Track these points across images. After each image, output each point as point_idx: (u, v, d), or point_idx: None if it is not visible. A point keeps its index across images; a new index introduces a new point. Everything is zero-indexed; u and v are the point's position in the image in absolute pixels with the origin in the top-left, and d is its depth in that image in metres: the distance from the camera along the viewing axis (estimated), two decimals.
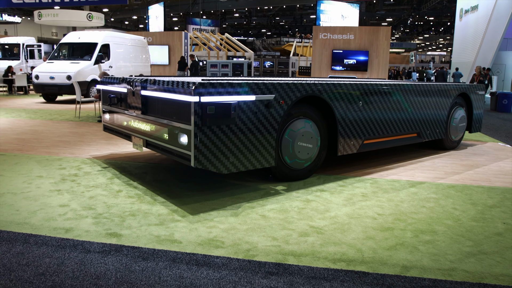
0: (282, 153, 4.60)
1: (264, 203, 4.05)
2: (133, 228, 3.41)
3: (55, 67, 14.37)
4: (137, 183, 4.72)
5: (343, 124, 5.04)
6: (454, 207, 4.07)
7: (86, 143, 7.12)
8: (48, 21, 34.80)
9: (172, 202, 4.08)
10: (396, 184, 4.85)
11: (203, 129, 3.85)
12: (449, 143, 7.01)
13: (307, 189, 4.55)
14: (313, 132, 4.75)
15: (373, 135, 5.50)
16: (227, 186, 4.62)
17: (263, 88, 4.21)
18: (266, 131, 4.30)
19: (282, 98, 4.37)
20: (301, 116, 4.71)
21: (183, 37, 21.40)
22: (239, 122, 4.06)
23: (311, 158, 4.83)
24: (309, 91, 4.63)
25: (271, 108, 4.28)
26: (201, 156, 3.89)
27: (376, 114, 5.46)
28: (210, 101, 3.81)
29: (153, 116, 4.54)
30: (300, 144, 4.65)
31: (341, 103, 4.98)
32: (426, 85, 6.23)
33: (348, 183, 4.81)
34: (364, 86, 5.26)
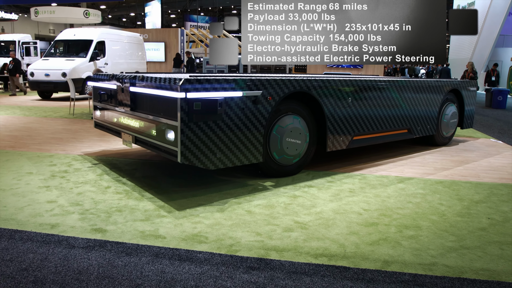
0: (271, 149, 4.62)
1: (251, 199, 4.06)
2: (119, 223, 3.43)
3: (50, 64, 14.35)
4: (126, 179, 4.73)
5: (332, 120, 5.05)
6: (441, 203, 4.09)
7: (78, 140, 7.13)
8: (44, 18, 34.69)
9: (160, 198, 4.09)
10: (385, 180, 4.86)
11: (189, 125, 3.85)
12: (440, 139, 7.03)
13: (295, 185, 4.57)
14: (301, 128, 4.76)
15: (363, 131, 5.51)
16: (215, 182, 4.64)
17: (250, 84, 4.21)
18: (253, 127, 4.31)
19: (269, 94, 4.38)
20: (289, 112, 4.72)
21: (179, 34, 21.38)
22: (226, 118, 4.07)
23: (299, 154, 4.84)
24: (297, 87, 4.64)
25: (258, 104, 4.29)
26: (188, 152, 3.90)
27: (366, 110, 5.47)
28: (196, 97, 3.82)
29: (142, 112, 4.54)
30: (288, 140, 4.66)
31: (330, 99, 4.99)
32: (417, 81, 6.25)
33: (336, 179, 4.83)
34: (353, 82, 5.26)
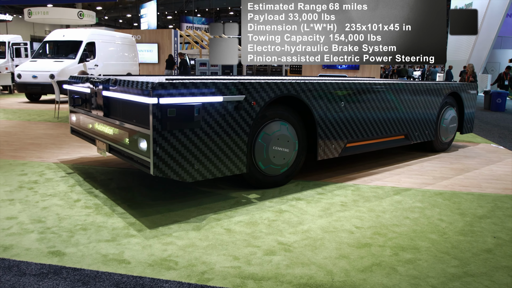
0: (256, 158, 4.25)
1: (232, 215, 3.69)
2: (80, 245, 3.05)
3: (38, 66, 13.94)
4: (99, 191, 4.35)
5: (323, 126, 4.69)
6: (441, 218, 3.72)
7: (57, 145, 6.74)
8: (38, 19, 34.27)
9: (132, 213, 3.71)
10: (380, 191, 4.50)
11: (163, 134, 3.48)
12: (439, 145, 6.67)
13: (282, 197, 4.20)
14: (289, 136, 4.40)
15: (357, 137, 5.15)
16: (195, 194, 4.26)
17: (232, 88, 3.84)
18: (236, 135, 3.93)
19: (253, 99, 4.00)
20: (276, 118, 4.35)
21: (173, 35, 20.99)
22: (204, 125, 3.70)
23: (287, 163, 4.47)
24: (284, 91, 4.27)
25: (241, 110, 3.92)
26: (162, 163, 3.52)
27: (359, 115, 5.11)
28: (170, 103, 3.45)
29: (115, 119, 4.17)
30: (275, 149, 4.29)
31: (320, 103, 4.62)
32: (414, 84, 5.89)
33: (327, 191, 4.46)
34: (346, 85, 4.90)
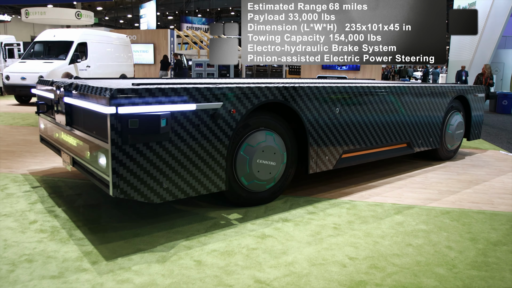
0: (237, 173, 3.74)
1: (206, 241, 3.18)
2: (18, 284, 2.54)
3: (27, 67, 13.48)
4: (61, 210, 3.85)
5: (315, 135, 4.18)
6: (449, 245, 3.20)
7: (32, 153, 6.25)
8: (35, 20, 33.90)
9: (91, 239, 3.21)
10: (379, 209, 3.98)
11: (124, 149, 2.98)
12: (445, 153, 6.15)
13: (267, 218, 3.69)
14: (276, 147, 3.89)
15: (354, 147, 4.64)
16: (169, 213, 3.75)
17: (208, 95, 3.34)
18: (212, 148, 3.43)
19: (233, 106, 3.50)
20: (261, 128, 3.85)
21: (169, 35, 20.52)
22: (174, 137, 3.19)
23: (274, 178, 3.96)
24: (270, 96, 3.76)
25: (218, 119, 3.42)
26: (123, 182, 3.02)
27: (357, 123, 4.60)
28: (131, 112, 2.95)
29: (77, 129, 3.67)
30: (259, 162, 3.78)
31: (312, 110, 4.11)
32: (417, 87, 5.37)
33: (319, 209, 3.95)
34: (341, 89, 4.39)
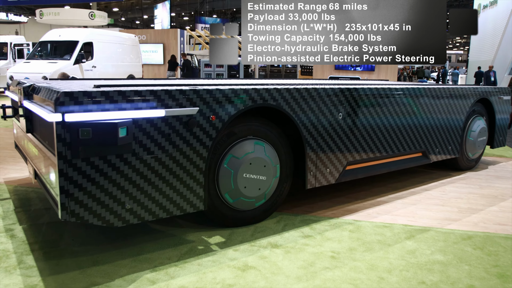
0: (221, 189, 3.21)
1: (175, 273, 2.66)
2: None
3: (31, 67, 13.22)
4: (22, 228, 3.38)
5: (313, 145, 3.62)
6: (471, 284, 2.61)
7: (16, 159, 5.83)
8: (50, 20, 34.01)
9: (42, 267, 2.72)
10: (387, 232, 3.40)
11: (75, 163, 2.48)
12: (465, 163, 5.51)
13: (253, 242, 3.14)
14: (267, 159, 3.34)
15: (360, 157, 4.06)
16: (141, 234, 3.24)
17: (180, 98, 2.82)
18: (187, 161, 2.91)
19: (212, 112, 2.97)
20: (249, 136, 3.31)
21: (179, 35, 20.13)
22: (139, 150, 2.68)
23: (265, 194, 3.42)
24: (258, 100, 3.22)
25: (194, 128, 2.89)
26: (74, 203, 2.52)
27: (363, 129, 4.02)
28: (82, 120, 2.44)
29: (35, 137, 3.20)
30: (246, 176, 3.25)
31: (310, 115, 3.56)
32: (434, 89, 4.77)
33: (317, 231, 3.38)
34: (345, 91, 3.83)
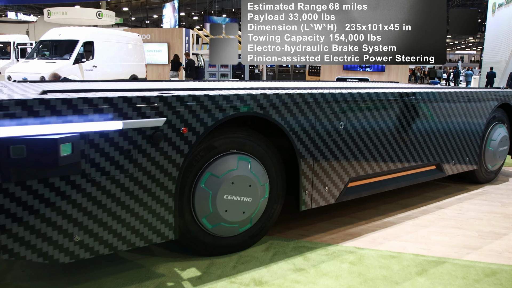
0: (197, 213, 2.73)
1: None
2: None
3: (29, 67, 12.87)
4: None
5: (309, 159, 3.11)
6: None
7: None
8: (57, 20, 33.90)
9: None
10: (395, 265, 2.88)
11: (6, 188, 2.01)
12: (484, 175, 4.95)
13: (234, 277, 2.65)
14: (253, 177, 2.85)
15: (364, 173, 3.54)
16: (102, 265, 2.76)
17: (143, 107, 2.33)
18: (153, 182, 2.42)
19: (183, 122, 2.48)
20: (232, 150, 2.82)
21: (184, 34, 19.69)
22: (90, 170, 2.20)
23: (250, 218, 2.92)
24: (242, 108, 2.73)
25: (160, 142, 2.41)
26: (6, 237, 2.05)
27: (368, 140, 3.51)
28: (14, 135, 1.97)
29: None
30: (228, 198, 2.75)
31: (305, 125, 3.05)
32: (449, 93, 4.23)
33: (312, 262, 2.88)
34: (346, 96, 3.31)
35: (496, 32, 25.41)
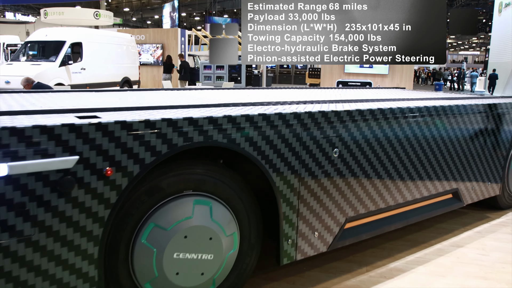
0: (138, 277, 2.02)
1: None
2: None
3: (13, 70, 12.21)
4: None
5: (292, 199, 2.39)
6: None
7: None
8: (54, 20, 33.40)
9: None
10: None
11: None
12: (507, 200, 4.23)
13: None
14: (214, 226, 2.13)
15: (365, 210, 2.82)
16: None
17: (42, 141, 1.61)
18: (62, 246, 1.71)
19: (108, 161, 1.76)
20: (186, 191, 2.10)
21: (179, 34, 19.02)
22: None
23: (213, 280, 2.21)
24: (196, 137, 2.01)
25: (71, 191, 1.69)
26: None
27: (370, 170, 2.78)
28: None
29: None
30: (179, 257, 2.04)
31: (287, 155, 2.33)
32: (465, 106, 3.51)
33: None
34: (343, 115, 2.59)
35: (502, 32, 24.63)
